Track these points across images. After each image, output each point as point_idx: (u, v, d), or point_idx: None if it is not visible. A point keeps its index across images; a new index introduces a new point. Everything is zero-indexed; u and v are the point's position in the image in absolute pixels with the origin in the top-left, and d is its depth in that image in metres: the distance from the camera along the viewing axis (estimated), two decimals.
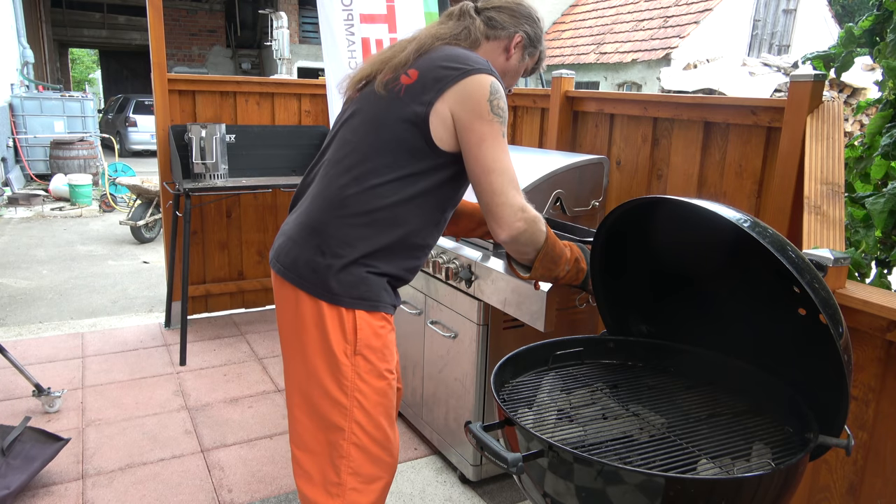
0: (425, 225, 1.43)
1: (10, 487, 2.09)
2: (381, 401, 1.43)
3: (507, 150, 1.38)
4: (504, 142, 1.38)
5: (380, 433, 1.43)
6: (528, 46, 1.54)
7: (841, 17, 15.55)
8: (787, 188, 1.87)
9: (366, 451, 1.42)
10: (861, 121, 8.15)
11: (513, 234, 1.36)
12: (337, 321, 1.38)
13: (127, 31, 18.44)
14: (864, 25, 2.33)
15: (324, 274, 1.37)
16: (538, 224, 1.40)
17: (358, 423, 1.41)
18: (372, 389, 1.41)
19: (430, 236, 1.47)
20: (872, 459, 1.44)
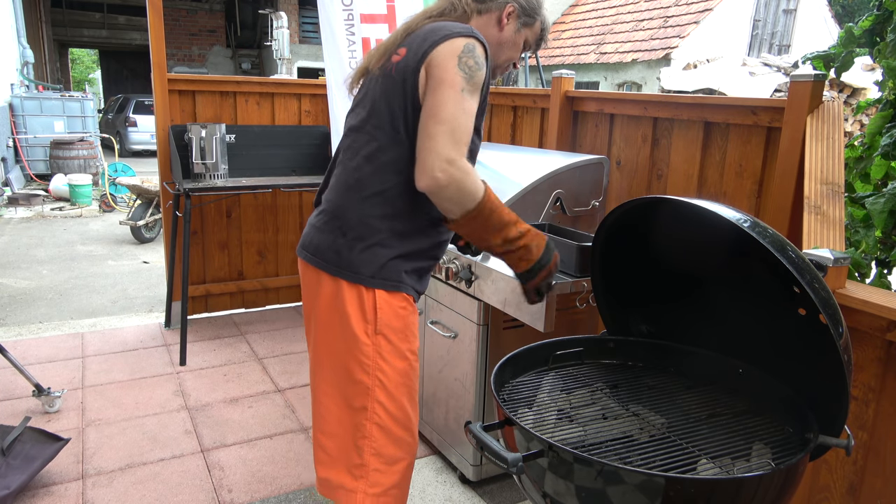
0: None
1: (10, 487, 2.09)
2: (404, 381, 1.45)
3: (465, 107, 1.33)
4: (462, 97, 1.33)
5: (402, 413, 1.45)
6: (522, 16, 1.52)
7: (841, 17, 15.55)
8: (787, 188, 1.87)
9: (388, 432, 1.44)
10: (861, 121, 8.15)
11: (430, 184, 1.30)
12: (357, 300, 1.41)
13: (127, 31, 18.43)
14: (864, 25, 2.33)
15: (345, 254, 1.41)
16: (467, 184, 1.31)
17: (380, 402, 1.43)
18: (393, 369, 1.43)
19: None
20: (872, 459, 1.44)
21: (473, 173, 1.34)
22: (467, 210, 1.34)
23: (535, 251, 1.43)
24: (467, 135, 1.33)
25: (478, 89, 1.36)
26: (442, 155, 1.29)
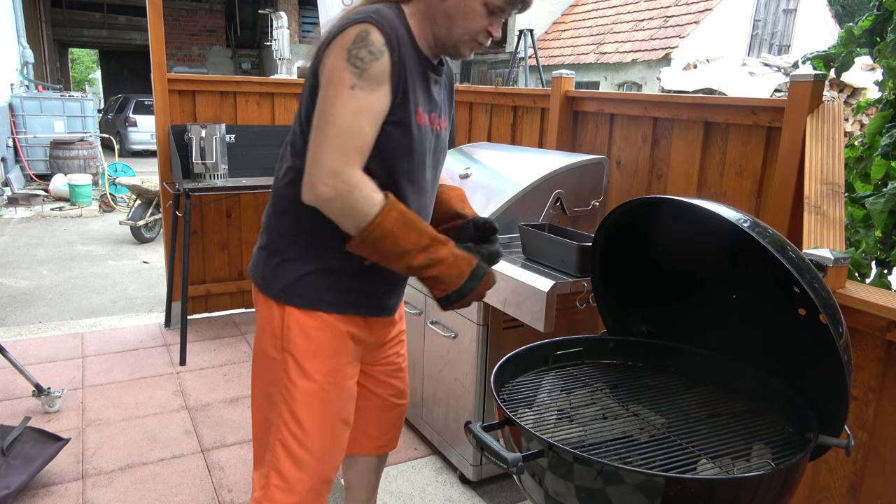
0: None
1: (10, 487, 2.09)
2: (310, 402, 1.38)
3: (357, 107, 1.18)
4: (353, 96, 1.18)
5: (303, 434, 1.38)
6: None
7: (841, 17, 15.55)
8: (787, 188, 1.87)
9: (288, 451, 1.39)
10: (861, 121, 8.15)
11: (313, 199, 1.19)
12: (269, 314, 1.38)
13: (127, 31, 18.43)
14: (864, 25, 2.33)
15: (261, 268, 1.39)
16: (354, 199, 1.18)
17: (283, 420, 1.39)
18: (298, 389, 1.37)
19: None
20: (872, 459, 1.44)
21: (364, 186, 1.20)
22: (361, 228, 1.20)
23: (452, 281, 1.28)
24: (360, 139, 1.19)
25: (379, 82, 1.19)
26: (325, 166, 1.17)
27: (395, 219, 1.22)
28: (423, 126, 1.31)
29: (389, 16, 1.24)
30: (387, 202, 1.22)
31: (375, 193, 1.21)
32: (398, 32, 1.23)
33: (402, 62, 1.23)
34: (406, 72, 1.25)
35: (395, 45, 1.22)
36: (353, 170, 1.19)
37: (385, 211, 1.21)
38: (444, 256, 1.27)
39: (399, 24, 1.25)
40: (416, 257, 1.25)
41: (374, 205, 1.20)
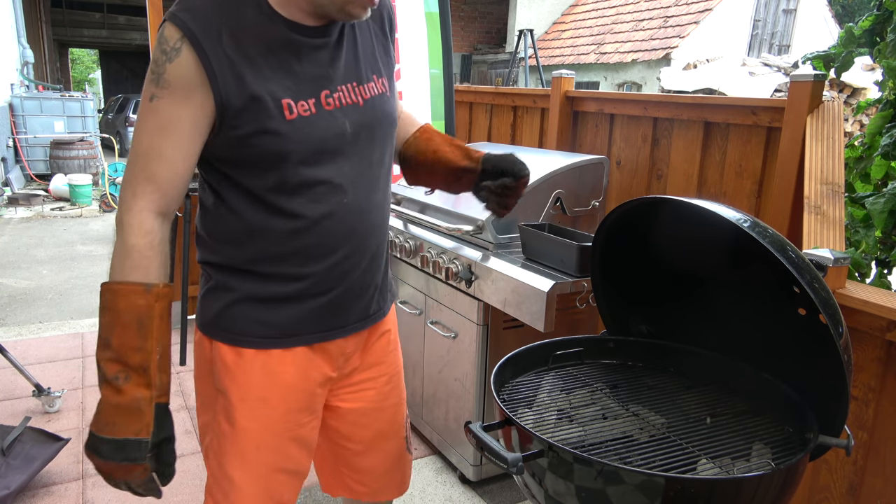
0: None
1: (10, 487, 2.09)
2: (238, 452, 1.18)
3: (147, 123, 1.00)
4: (147, 108, 0.99)
5: (231, 488, 1.19)
6: None
7: (841, 17, 15.55)
8: (787, 188, 1.87)
9: (211, 496, 1.23)
10: (861, 121, 8.15)
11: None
12: (199, 349, 1.20)
13: (127, 31, 18.45)
14: (864, 25, 2.33)
15: (199, 296, 1.20)
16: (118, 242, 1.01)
17: (212, 472, 1.22)
18: (225, 438, 1.18)
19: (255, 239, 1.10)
20: (872, 459, 1.44)
21: (134, 235, 0.99)
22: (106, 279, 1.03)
23: (109, 420, 1.00)
24: (157, 164, 0.99)
25: (184, 88, 0.97)
26: (121, 193, 1.03)
27: (132, 306, 0.99)
28: (303, 118, 1.04)
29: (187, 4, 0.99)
30: (148, 284, 0.99)
31: (142, 255, 0.99)
32: (211, 17, 0.97)
33: (224, 54, 0.97)
34: (240, 64, 0.98)
35: (206, 34, 0.97)
36: (135, 204, 1.00)
37: (128, 288, 0.99)
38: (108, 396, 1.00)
39: (224, 2, 1.00)
40: (107, 361, 1.00)
41: (128, 269, 0.99)
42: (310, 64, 1.06)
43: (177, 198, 1.04)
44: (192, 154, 1.02)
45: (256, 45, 1.01)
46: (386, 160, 1.21)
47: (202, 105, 0.98)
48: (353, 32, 1.13)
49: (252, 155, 1.03)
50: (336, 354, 1.23)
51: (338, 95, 1.09)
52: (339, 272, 1.14)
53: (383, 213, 1.22)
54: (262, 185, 1.05)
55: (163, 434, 1.03)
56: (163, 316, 1.01)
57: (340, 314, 1.19)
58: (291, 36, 1.03)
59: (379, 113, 1.15)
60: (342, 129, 1.08)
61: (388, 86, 1.19)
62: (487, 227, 2.21)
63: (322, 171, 1.07)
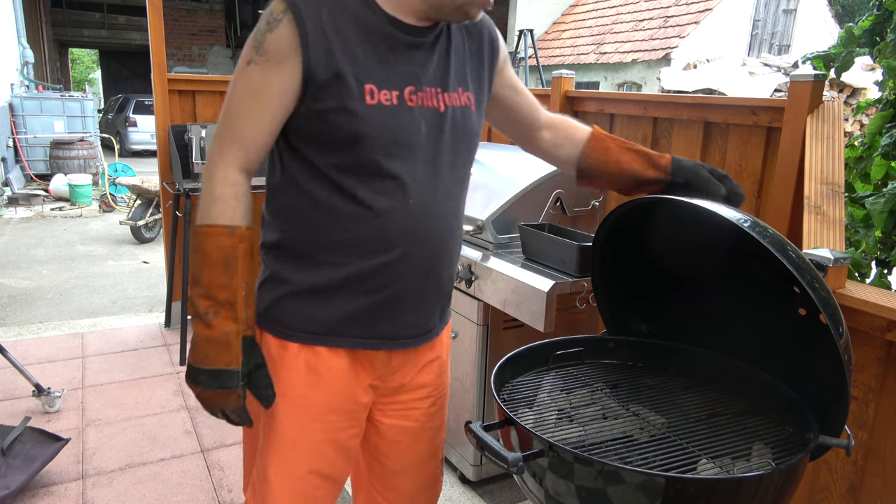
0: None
1: (10, 487, 2.09)
2: (276, 448, 1.20)
3: (244, 84, 1.05)
4: (243, 71, 1.05)
5: (264, 487, 1.21)
6: None
7: (841, 17, 15.55)
8: (787, 188, 1.87)
9: (253, 489, 1.25)
10: (861, 121, 8.15)
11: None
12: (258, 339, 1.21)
13: (127, 31, 18.43)
14: (864, 25, 2.33)
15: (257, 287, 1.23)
16: (205, 192, 1.08)
17: (256, 463, 1.24)
18: (269, 429, 1.20)
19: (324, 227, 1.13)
20: (872, 459, 1.44)
21: (220, 187, 1.06)
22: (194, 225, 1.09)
23: (203, 353, 1.08)
24: (244, 125, 1.06)
25: (278, 58, 1.02)
26: (209, 150, 1.10)
27: (219, 247, 1.05)
28: (383, 106, 1.06)
29: None
30: (233, 226, 1.06)
31: (227, 203, 1.06)
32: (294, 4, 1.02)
33: (321, 30, 1.02)
34: (334, 42, 1.03)
35: (308, 8, 1.02)
36: (221, 160, 1.07)
37: (215, 230, 1.05)
38: (200, 330, 1.08)
39: None
40: (198, 297, 1.08)
41: (215, 215, 1.06)
42: (402, 59, 1.09)
43: (258, 159, 1.09)
44: (277, 120, 1.07)
45: (354, 29, 1.05)
46: (459, 173, 1.19)
47: (291, 73, 1.03)
48: (447, 42, 1.15)
49: (328, 132, 1.06)
50: (380, 366, 1.22)
51: (421, 95, 1.10)
52: (392, 272, 1.13)
53: (449, 224, 1.19)
54: (333, 165, 1.08)
55: (252, 363, 1.10)
56: (247, 256, 1.08)
57: (390, 322, 1.17)
58: (389, 29, 1.08)
59: (458, 124, 1.16)
60: (418, 129, 1.10)
61: (474, 101, 1.20)
62: (487, 227, 2.21)
63: (392, 164, 1.08)
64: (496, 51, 1.25)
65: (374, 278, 1.13)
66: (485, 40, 1.23)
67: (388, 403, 1.28)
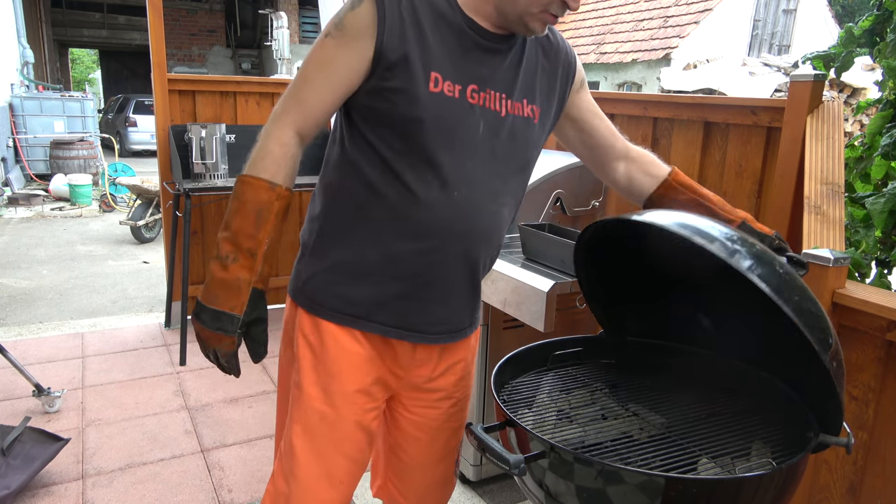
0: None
1: (10, 487, 2.09)
2: (304, 422, 1.22)
3: (319, 53, 1.10)
4: (320, 42, 1.10)
5: (291, 461, 1.23)
6: None
7: (841, 17, 15.55)
8: (787, 188, 1.87)
9: (278, 476, 1.27)
10: (861, 121, 8.15)
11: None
12: (289, 313, 1.30)
13: (127, 31, 18.43)
14: (864, 25, 2.33)
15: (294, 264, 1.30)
16: (257, 145, 1.13)
17: (284, 436, 1.27)
18: (298, 405, 1.23)
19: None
20: (872, 459, 1.44)
21: (273, 142, 1.11)
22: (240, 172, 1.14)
23: (213, 293, 1.13)
24: (307, 90, 1.11)
25: (355, 35, 1.06)
26: (274, 110, 1.15)
27: (256, 199, 1.10)
28: (445, 96, 1.09)
29: None
30: (274, 182, 1.10)
31: (275, 160, 1.10)
32: None
33: (399, 14, 1.06)
34: (409, 26, 1.07)
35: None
36: (281, 119, 1.12)
37: (257, 182, 1.10)
38: (215, 271, 1.12)
39: None
40: (223, 241, 1.12)
41: (261, 168, 1.10)
42: (471, 57, 1.11)
43: (314, 126, 1.13)
44: (340, 93, 1.10)
45: (431, 21, 1.08)
46: (511, 180, 1.20)
47: (364, 50, 1.06)
48: (520, 55, 1.18)
49: (388, 110, 1.08)
50: (404, 357, 1.23)
51: (484, 96, 1.12)
52: (425, 261, 1.14)
53: (490, 227, 1.19)
54: (387, 144, 1.10)
55: (254, 314, 1.14)
56: (279, 214, 1.11)
57: (419, 314, 1.19)
58: (464, 28, 1.11)
59: (517, 133, 1.18)
60: (476, 126, 1.12)
61: (538, 115, 1.21)
62: None
63: (443, 155, 1.10)
64: (571, 73, 1.29)
65: (407, 264, 1.14)
66: (560, 61, 1.26)
67: (409, 398, 1.30)
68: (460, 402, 1.36)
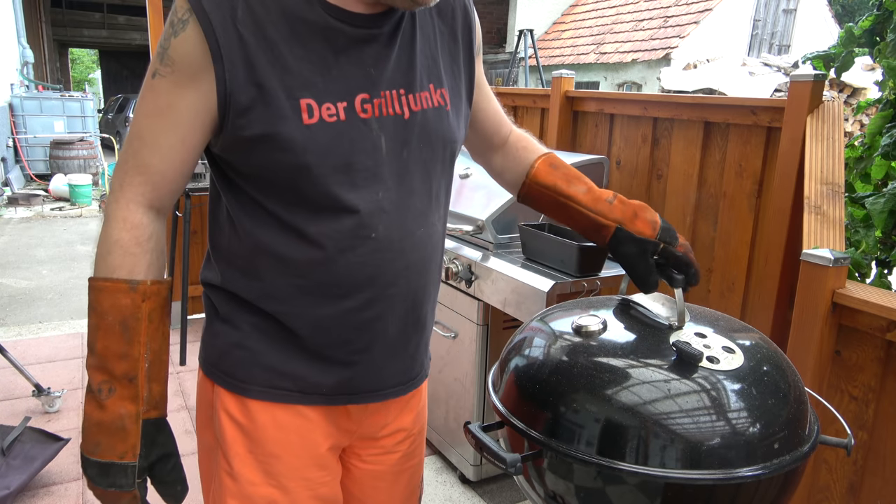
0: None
1: (10, 487, 2.09)
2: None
3: (150, 101, 0.85)
4: (148, 85, 0.86)
5: None
6: None
7: (841, 17, 15.55)
8: (787, 188, 1.87)
9: None
10: (861, 121, 8.15)
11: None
12: (201, 389, 1.04)
13: (127, 31, 18.44)
14: (864, 25, 2.33)
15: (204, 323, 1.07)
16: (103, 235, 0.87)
17: None
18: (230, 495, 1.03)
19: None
20: (872, 459, 1.44)
21: (111, 221, 0.86)
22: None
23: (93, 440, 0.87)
24: (138, 143, 0.85)
25: (187, 70, 0.82)
26: (111, 183, 0.90)
27: (116, 306, 0.85)
28: (326, 124, 0.84)
29: None
30: (133, 280, 0.85)
31: (127, 251, 0.86)
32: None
33: (236, 33, 0.80)
34: (253, 47, 0.81)
35: (217, 6, 0.80)
36: (122, 195, 0.86)
37: (111, 285, 0.85)
38: (91, 412, 0.87)
39: None
40: (92, 369, 0.87)
41: (111, 265, 0.85)
42: (348, 59, 0.86)
43: (170, 194, 0.89)
44: (192, 147, 0.86)
45: (280, 27, 0.82)
46: (434, 190, 0.98)
47: (204, 91, 0.82)
48: (412, 29, 0.92)
49: (261, 164, 0.85)
50: (356, 413, 1.02)
51: (378, 102, 0.88)
52: (358, 321, 0.93)
53: (426, 255, 0.98)
54: (277, 200, 0.87)
55: (155, 454, 0.92)
56: (152, 317, 0.87)
57: (367, 376, 0.98)
58: (330, 22, 0.84)
59: (430, 130, 0.94)
60: (377, 145, 0.88)
61: (449, 99, 0.97)
62: (487, 227, 2.21)
63: (347, 194, 0.87)
64: (472, 28, 1.02)
65: (338, 330, 0.93)
66: (458, 16, 0.99)
67: (363, 447, 1.08)
68: (418, 437, 1.17)
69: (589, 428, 0.88)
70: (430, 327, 1.08)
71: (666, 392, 0.86)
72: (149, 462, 0.91)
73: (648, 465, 0.86)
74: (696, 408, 0.86)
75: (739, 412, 0.88)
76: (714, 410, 0.87)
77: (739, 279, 2.10)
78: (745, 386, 0.89)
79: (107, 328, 0.86)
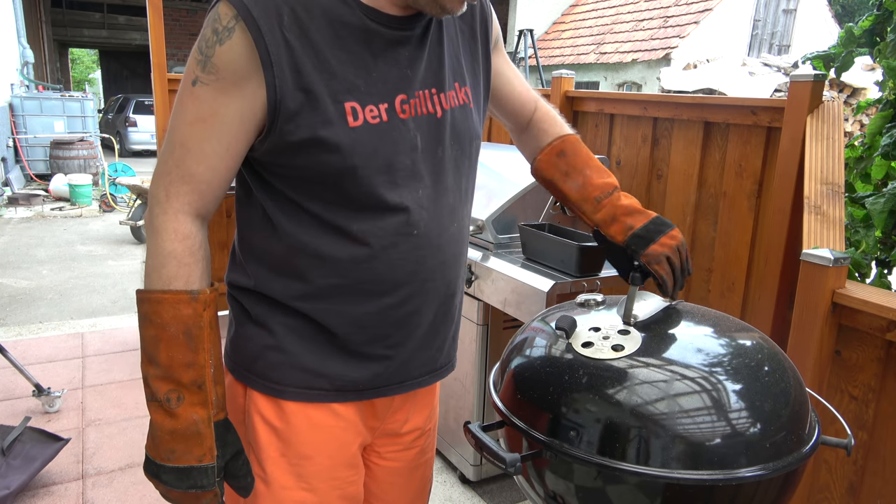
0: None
1: (10, 487, 2.09)
2: None
3: (192, 109, 0.85)
4: (189, 93, 0.85)
5: None
6: None
7: (841, 17, 15.55)
8: (787, 188, 1.87)
9: None
10: (861, 121, 8.15)
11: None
12: (231, 393, 1.04)
13: (127, 31, 18.44)
14: (864, 25, 2.33)
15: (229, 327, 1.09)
16: (151, 248, 0.88)
17: None
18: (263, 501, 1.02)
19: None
20: (872, 459, 1.44)
21: (161, 233, 0.86)
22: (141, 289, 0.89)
23: (167, 447, 0.89)
24: (182, 152, 0.86)
25: (232, 77, 0.82)
26: (152, 189, 0.89)
27: (178, 317, 0.85)
28: (371, 126, 0.87)
29: None
30: (192, 290, 0.86)
31: (182, 262, 0.86)
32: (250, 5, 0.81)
33: (283, 39, 0.82)
34: (301, 54, 0.83)
35: (265, 14, 0.81)
36: (170, 206, 0.87)
37: (172, 297, 0.85)
38: (161, 420, 0.88)
39: None
40: (155, 380, 0.87)
41: (168, 277, 0.86)
42: (385, 61, 0.89)
43: (214, 201, 0.91)
44: (236, 154, 0.88)
45: (323, 32, 0.84)
46: (463, 186, 1.02)
47: (252, 97, 0.83)
48: (438, 30, 0.96)
49: (307, 167, 0.87)
50: (381, 408, 1.05)
51: (414, 102, 0.91)
52: (397, 316, 0.96)
53: (458, 250, 1.02)
54: (318, 200, 0.89)
55: (228, 453, 0.93)
56: (212, 324, 0.89)
57: (401, 368, 1.01)
58: (368, 24, 0.87)
59: (459, 128, 0.98)
60: (414, 144, 0.91)
61: (472, 97, 1.01)
62: (487, 227, 2.21)
63: (390, 192, 0.90)
64: (489, 23, 1.06)
65: (376, 326, 0.96)
66: (476, 14, 1.03)
67: (383, 445, 1.12)
68: (432, 431, 1.20)
69: (589, 428, 0.88)
70: (458, 319, 1.12)
71: (667, 392, 0.86)
72: (224, 461, 0.93)
73: (649, 465, 0.86)
74: (696, 408, 0.86)
75: (740, 412, 0.88)
76: (714, 410, 0.86)
77: (739, 279, 2.10)
78: (745, 386, 0.89)
79: (170, 339, 0.86)
